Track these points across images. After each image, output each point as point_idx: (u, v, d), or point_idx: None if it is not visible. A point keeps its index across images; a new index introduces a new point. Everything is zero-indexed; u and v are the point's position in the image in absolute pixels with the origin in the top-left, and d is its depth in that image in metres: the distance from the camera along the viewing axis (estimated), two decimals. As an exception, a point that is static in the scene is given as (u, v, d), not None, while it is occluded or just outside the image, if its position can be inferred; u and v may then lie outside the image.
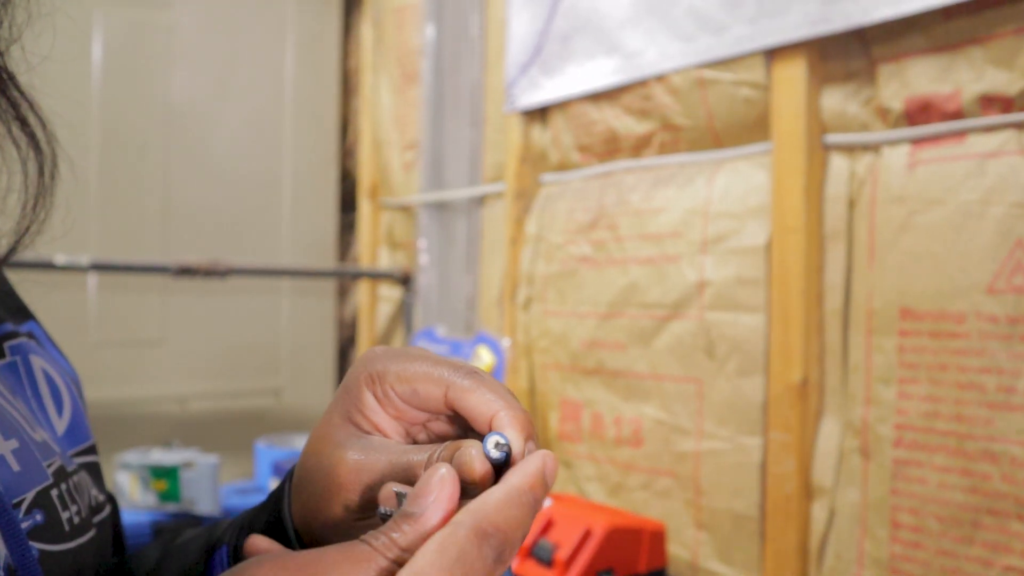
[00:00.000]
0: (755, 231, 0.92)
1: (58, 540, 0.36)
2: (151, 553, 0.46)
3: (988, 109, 0.76)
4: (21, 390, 0.39)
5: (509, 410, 0.31)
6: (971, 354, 0.75)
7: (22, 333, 0.40)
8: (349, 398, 0.35)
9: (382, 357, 0.35)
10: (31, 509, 0.35)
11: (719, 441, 0.94)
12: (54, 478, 0.37)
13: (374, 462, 0.33)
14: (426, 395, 0.34)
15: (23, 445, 0.36)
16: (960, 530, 0.75)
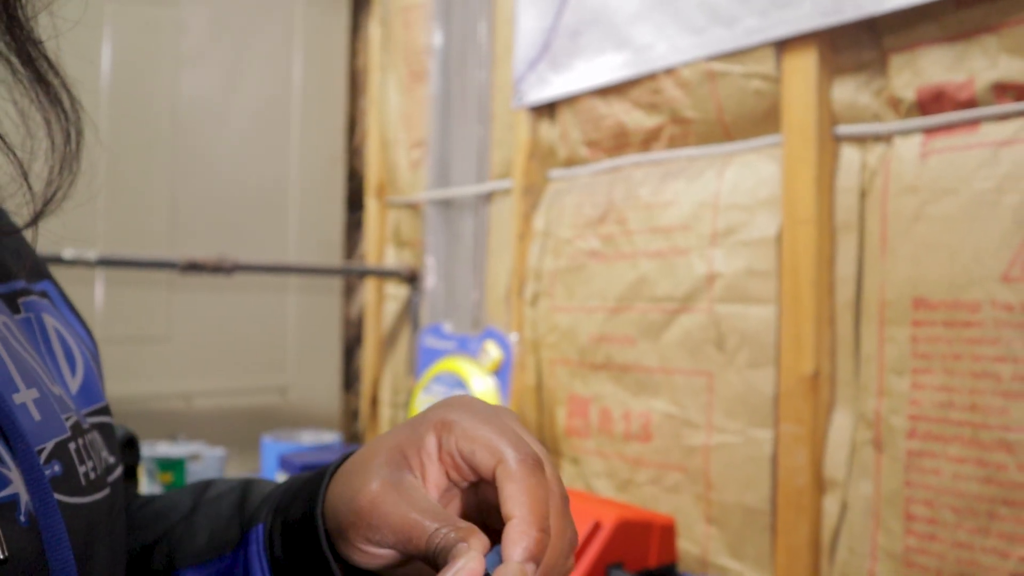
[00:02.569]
0: (765, 223, 0.92)
1: (75, 493, 0.35)
2: (184, 500, 0.47)
3: (1002, 97, 0.76)
4: (36, 346, 0.39)
5: (522, 525, 0.31)
6: (986, 343, 0.74)
7: (35, 291, 0.40)
8: (414, 431, 0.36)
9: (460, 407, 0.36)
10: (50, 459, 0.35)
11: (729, 434, 0.94)
12: (71, 432, 0.37)
13: (389, 504, 0.34)
14: (481, 461, 0.34)
15: (43, 396, 0.36)
16: (976, 521, 0.74)
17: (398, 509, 0.33)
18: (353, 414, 1.71)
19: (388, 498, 0.34)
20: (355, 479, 0.36)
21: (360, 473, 0.36)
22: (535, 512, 0.31)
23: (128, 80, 1.39)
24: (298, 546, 0.38)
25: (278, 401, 1.56)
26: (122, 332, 1.37)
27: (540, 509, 0.32)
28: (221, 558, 0.42)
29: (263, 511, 0.41)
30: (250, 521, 0.41)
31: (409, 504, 0.33)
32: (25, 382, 0.35)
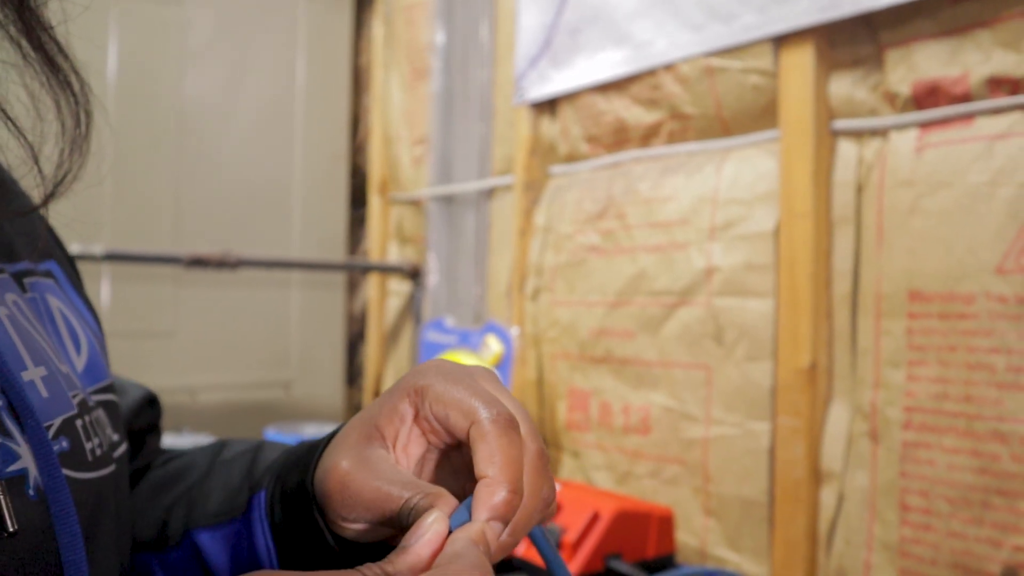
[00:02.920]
0: (763, 217, 0.92)
1: (82, 468, 0.36)
2: (200, 461, 0.48)
3: (996, 92, 0.77)
4: (43, 325, 0.39)
5: (491, 485, 0.32)
6: (980, 335, 0.75)
7: (39, 271, 0.41)
8: (388, 400, 0.36)
9: (431, 372, 0.36)
10: (57, 435, 0.35)
11: (728, 427, 0.95)
12: (78, 409, 0.38)
13: (359, 481, 0.34)
14: (455, 424, 0.34)
15: (50, 373, 0.36)
16: (970, 511, 0.75)
17: (368, 484, 0.34)
18: (356, 409, 1.72)
19: (358, 475, 0.35)
20: (330, 458, 0.36)
21: (336, 451, 0.36)
22: (506, 471, 0.32)
23: (134, 78, 1.40)
24: (294, 515, 0.39)
25: (282, 396, 1.58)
26: (128, 327, 1.38)
27: (512, 468, 0.32)
28: (232, 521, 0.43)
29: (266, 478, 0.42)
30: (255, 487, 0.42)
31: (378, 477, 0.34)
32: (33, 360, 0.35)
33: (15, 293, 0.38)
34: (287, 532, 0.40)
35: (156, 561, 0.45)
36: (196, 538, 0.44)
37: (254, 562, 0.41)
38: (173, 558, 0.45)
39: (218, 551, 0.43)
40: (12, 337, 0.35)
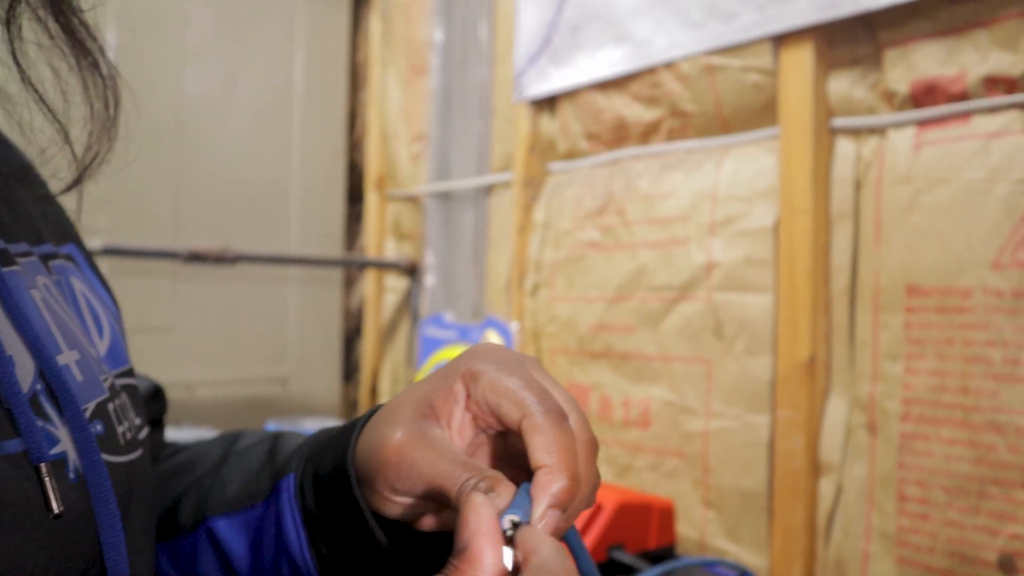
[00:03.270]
0: (763, 213, 0.94)
1: (115, 452, 0.36)
2: (213, 451, 0.47)
3: (992, 90, 0.78)
4: (70, 308, 0.39)
5: (552, 474, 0.32)
6: (977, 328, 0.77)
7: (61, 255, 0.41)
8: (442, 381, 0.37)
9: (485, 358, 0.36)
10: (92, 419, 0.35)
11: (727, 420, 0.96)
12: (109, 392, 0.38)
13: (418, 454, 0.34)
14: (506, 413, 0.35)
15: (83, 357, 0.36)
16: (966, 500, 0.77)
17: (427, 459, 0.34)
18: (353, 404, 1.73)
19: (416, 448, 0.35)
20: (382, 429, 0.36)
21: (387, 423, 0.36)
22: (564, 461, 0.32)
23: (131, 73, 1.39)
24: (330, 497, 0.39)
25: (279, 391, 1.58)
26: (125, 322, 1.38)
27: (568, 457, 0.33)
28: (252, 507, 0.42)
29: (293, 462, 0.42)
30: (281, 471, 0.42)
31: (438, 454, 0.34)
32: (67, 344, 0.35)
33: (45, 276, 0.38)
34: (321, 515, 0.40)
35: (163, 551, 0.45)
36: (212, 525, 0.44)
37: (281, 547, 0.41)
38: (182, 547, 0.45)
39: (236, 538, 0.43)
40: (47, 321, 0.35)
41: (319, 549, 0.40)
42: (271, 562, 0.41)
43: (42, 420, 0.32)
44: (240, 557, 0.43)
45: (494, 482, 0.32)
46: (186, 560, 0.45)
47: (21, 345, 0.32)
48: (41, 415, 0.32)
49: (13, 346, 0.32)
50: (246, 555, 0.43)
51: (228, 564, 0.43)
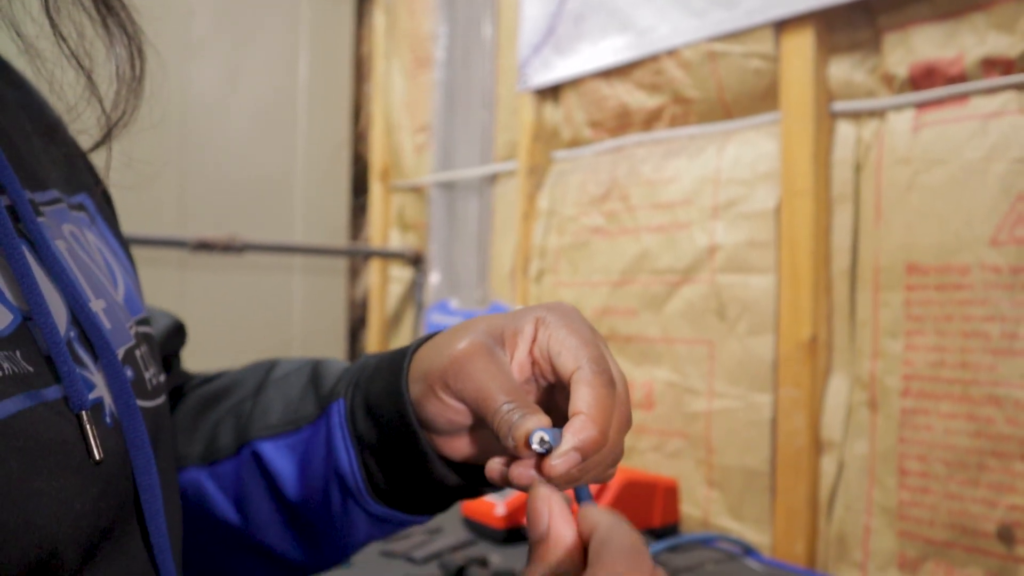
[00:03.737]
0: (765, 196, 0.95)
1: (144, 397, 0.37)
2: (247, 378, 0.49)
3: (990, 72, 0.80)
4: (90, 257, 0.39)
5: (585, 422, 0.33)
6: (975, 304, 0.78)
7: (72, 204, 0.40)
8: (515, 317, 0.38)
9: (562, 314, 0.38)
10: (124, 364, 0.36)
11: (730, 400, 0.97)
12: (136, 339, 0.38)
13: (478, 363, 0.36)
14: (563, 364, 0.36)
15: (109, 305, 0.37)
16: (966, 473, 0.78)
17: (485, 371, 0.36)
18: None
19: (480, 358, 0.36)
20: (449, 338, 0.38)
21: (456, 334, 0.38)
22: (600, 416, 0.34)
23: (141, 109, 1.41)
24: (383, 423, 0.40)
25: (285, 380, 1.59)
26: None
27: (604, 416, 0.34)
28: (298, 431, 0.44)
29: (341, 387, 0.43)
30: (328, 397, 0.43)
31: (496, 371, 0.36)
32: (94, 292, 0.36)
33: (72, 224, 0.38)
34: (373, 439, 0.41)
35: (205, 474, 0.46)
36: (257, 449, 0.45)
37: (330, 468, 0.42)
38: (224, 469, 0.46)
39: (282, 459, 0.44)
40: (73, 269, 0.35)
41: (369, 470, 0.42)
42: (322, 483, 0.43)
43: (79, 366, 0.32)
44: (288, 478, 0.44)
45: (529, 416, 0.33)
46: (229, 481, 0.46)
47: (55, 292, 0.33)
48: (77, 361, 0.33)
49: (47, 293, 0.32)
50: (294, 476, 0.44)
51: (275, 485, 0.44)
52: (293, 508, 0.44)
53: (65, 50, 0.37)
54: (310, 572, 0.48)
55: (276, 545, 0.46)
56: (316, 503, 0.43)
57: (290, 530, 0.45)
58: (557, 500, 0.31)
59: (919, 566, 0.82)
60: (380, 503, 0.42)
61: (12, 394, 0.28)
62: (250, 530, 0.46)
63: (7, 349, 0.29)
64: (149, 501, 0.34)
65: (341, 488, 0.42)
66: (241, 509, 0.46)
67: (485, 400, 0.35)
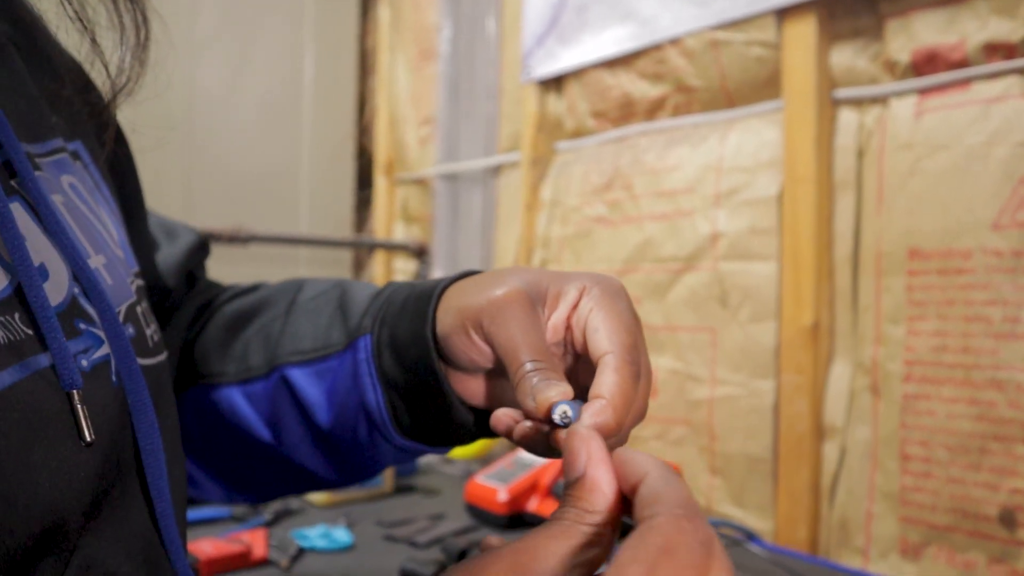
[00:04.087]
0: (767, 183, 0.95)
1: (145, 355, 0.37)
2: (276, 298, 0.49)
3: (992, 57, 0.80)
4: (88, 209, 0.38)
5: (605, 406, 0.33)
6: (977, 288, 0.78)
7: (68, 150, 0.39)
8: (561, 277, 0.38)
9: (611, 291, 0.37)
10: (125, 323, 0.35)
11: (732, 387, 0.98)
12: (136, 295, 0.38)
13: (517, 313, 0.36)
14: (598, 340, 0.36)
15: (109, 261, 0.36)
16: (968, 457, 0.78)
17: (519, 322, 0.36)
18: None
19: (518, 307, 0.36)
20: (492, 280, 0.38)
21: (499, 277, 0.38)
22: (619, 405, 0.33)
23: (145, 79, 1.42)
24: (408, 365, 0.40)
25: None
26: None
27: (624, 406, 0.34)
28: (327, 359, 0.44)
29: (368, 321, 0.43)
30: (356, 330, 0.43)
31: (528, 325, 0.36)
32: (93, 248, 0.35)
33: (72, 174, 0.37)
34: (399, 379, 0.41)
35: (239, 392, 0.47)
36: (287, 374, 0.45)
37: (359, 402, 0.43)
38: (255, 389, 0.47)
39: (312, 387, 0.45)
40: (71, 225, 0.34)
41: (395, 407, 0.42)
42: (350, 412, 0.43)
43: (85, 322, 0.32)
44: (318, 404, 0.45)
45: (556, 380, 0.34)
46: (261, 402, 0.47)
47: (54, 251, 0.32)
48: (84, 317, 0.32)
49: (46, 252, 0.32)
50: (324, 403, 0.45)
51: (305, 411, 0.45)
52: (323, 432, 0.45)
53: (69, 11, 0.37)
54: (341, 486, 0.50)
55: (308, 463, 0.47)
56: (345, 430, 0.44)
57: (320, 451, 0.47)
58: (597, 442, 0.29)
59: (921, 551, 0.82)
60: (405, 437, 0.43)
61: (8, 364, 0.27)
62: (283, 448, 0.47)
63: (5, 314, 0.28)
64: (152, 465, 0.34)
65: (368, 421, 0.43)
66: (273, 428, 0.47)
67: (514, 352, 0.35)
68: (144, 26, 0.38)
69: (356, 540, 0.85)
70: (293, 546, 0.80)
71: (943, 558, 0.80)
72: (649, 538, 0.24)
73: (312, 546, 0.82)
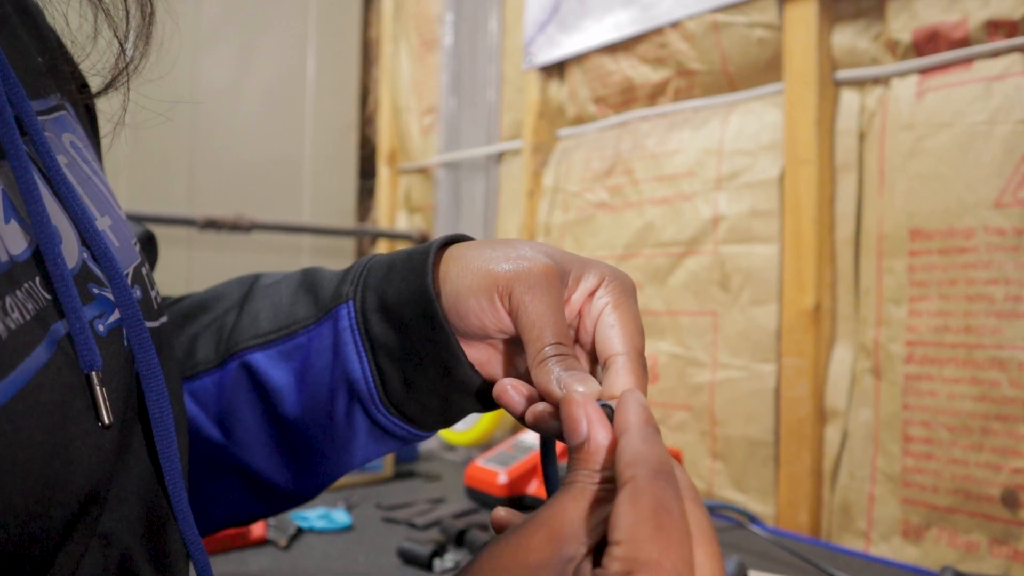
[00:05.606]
0: (768, 165, 0.95)
1: (151, 317, 0.36)
2: (230, 292, 0.47)
3: (994, 35, 0.79)
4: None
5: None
6: (979, 267, 0.78)
7: (68, 109, 0.38)
8: (581, 262, 0.37)
9: (626, 287, 0.37)
10: (132, 284, 0.35)
11: (734, 370, 0.97)
12: (141, 257, 0.38)
13: (545, 292, 0.35)
14: (609, 338, 0.35)
15: (115, 223, 0.36)
16: (970, 438, 0.78)
17: (551, 300, 0.35)
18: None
19: (553, 284, 0.35)
20: (518, 249, 0.37)
21: (527, 248, 0.37)
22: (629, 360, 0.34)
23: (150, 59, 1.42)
24: (406, 323, 0.39)
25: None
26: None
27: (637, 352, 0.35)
28: (292, 336, 0.42)
29: (347, 289, 0.41)
30: (334, 299, 0.41)
31: (558, 305, 0.35)
32: (99, 209, 0.35)
33: (73, 133, 0.36)
34: (392, 342, 0.39)
35: (183, 389, 0.44)
36: (248, 359, 0.43)
37: (340, 375, 0.41)
38: (204, 384, 0.44)
39: (277, 369, 0.42)
40: (76, 186, 0.33)
41: (384, 375, 0.40)
42: (325, 391, 0.41)
43: (97, 286, 0.32)
44: (285, 387, 0.42)
45: (580, 370, 0.34)
46: (210, 397, 0.44)
47: (61, 214, 0.32)
48: (96, 281, 0.32)
49: (55, 215, 0.31)
50: (292, 385, 0.42)
51: (269, 399, 0.43)
52: (286, 422, 0.43)
53: None
54: (288, 499, 0.46)
55: (259, 465, 0.44)
56: (316, 413, 0.42)
57: (277, 448, 0.44)
58: (593, 406, 0.31)
59: (923, 533, 0.81)
60: (390, 412, 0.41)
61: (39, 339, 0.27)
62: (232, 449, 0.44)
63: (28, 278, 0.28)
64: (162, 433, 0.33)
65: (349, 394, 0.41)
66: (224, 426, 0.44)
67: (541, 329, 0.34)
68: (150, 3, 0.38)
69: (355, 522, 0.85)
70: (292, 526, 0.80)
71: (945, 540, 0.79)
72: (642, 499, 0.26)
73: (311, 527, 0.82)
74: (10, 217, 0.28)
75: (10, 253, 0.27)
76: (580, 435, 0.30)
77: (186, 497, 0.34)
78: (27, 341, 0.26)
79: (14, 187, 0.29)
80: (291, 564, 0.73)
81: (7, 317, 0.26)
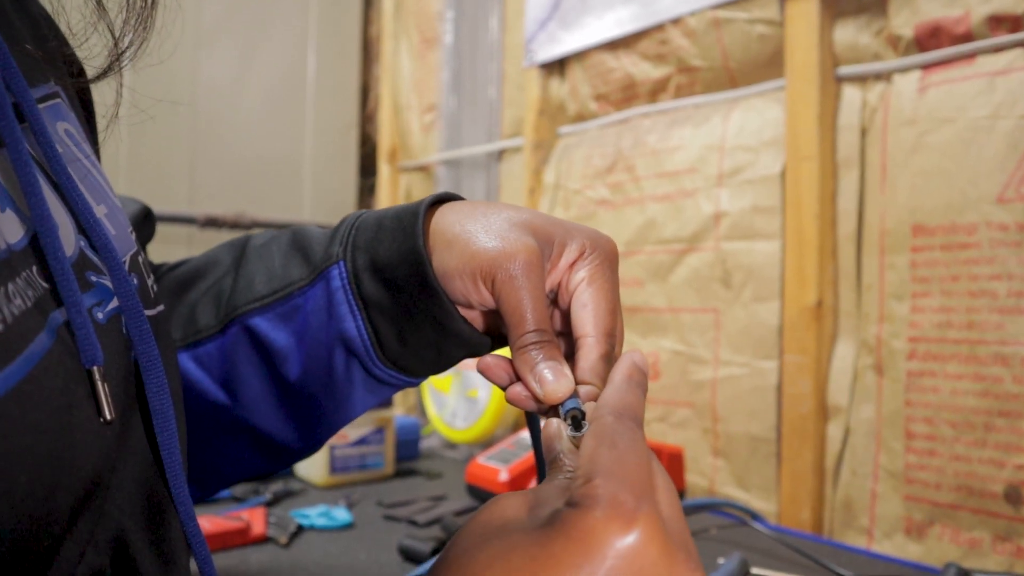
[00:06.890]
0: (770, 161, 0.95)
1: (148, 305, 0.36)
2: (221, 257, 0.47)
3: (996, 29, 0.79)
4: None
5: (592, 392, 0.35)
6: (982, 263, 0.77)
7: (62, 96, 0.37)
8: (568, 234, 0.38)
9: (606, 259, 0.38)
10: (130, 272, 0.35)
11: (736, 367, 0.97)
12: (138, 245, 0.37)
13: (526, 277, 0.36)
14: (583, 319, 0.36)
15: (111, 211, 0.36)
16: (973, 434, 0.77)
17: (533, 288, 0.36)
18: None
19: (533, 271, 0.36)
20: (502, 228, 0.37)
21: (510, 228, 0.37)
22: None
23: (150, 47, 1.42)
24: (398, 282, 0.39)
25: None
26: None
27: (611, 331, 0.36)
28: (289, 298, 0.43)
29: (337, 249, 0.42)
30: (325, 260, 0.42)
31: (538, 292, 0.36)
32: (94, 197, 0.35)
33: (67, 121, 0.36)
34: (384, 299, 0.40)
35: (187, 357, 0.45)
36: (249, 323, 0.43)
37: (335, 334, 0.41)
38: (208, 350, 0.45)
39: (277, 330, 0.43)
40: (71, 175, 0.33)
41: (378, 331, 0.41)
42: (323, 350, 0.42)
43: (96, 274, 0.32)
44: (287, 348, 0.43)
45: (560, 364, 0.35)
46: (214, 361, 0.45)
47: (58, 202, 0.31)
48: (94, 269, 0.32)
49: (51, 203, 0.30)
50: (293, 345, 0.43)
51: (271, 360, 0.43)
52: (289, 383, 0.43)
53: None
54: (294, 454, 0.47)
55: (265, 424, 0.45)
56: (317, 371, 0.43)
57: (281, 407, 0.45)
58: (562, 441, 0.32)
59: (926, 530, 0.81)
60: (386, 365, 0.42)
61: (40, 327, 0.27)
62: (238, 410, 0.45)
63: (25, 266, 0.28)
64: (162, 426, 0.34)
65: (346, 352, 0.42)
66: (229, 388, 0.45)
67: (521, 316, 0.35)
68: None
69: (356, 519, 0.85)
70: (292, 524, 0.80)
71: (948, 536, 0.79)
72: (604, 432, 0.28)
73: (311, 524, 0.82)
74: (5, 206, 0.28)
75: (7, 241, 0.27)
76: (553, 455, 0.32)
77: (187, 489, 0.34)
78: (30, 327, 0.26)
79: (10, 175, 0.29)
80: (292, 562, 0.73)
81: (10, 303, 0.26)
